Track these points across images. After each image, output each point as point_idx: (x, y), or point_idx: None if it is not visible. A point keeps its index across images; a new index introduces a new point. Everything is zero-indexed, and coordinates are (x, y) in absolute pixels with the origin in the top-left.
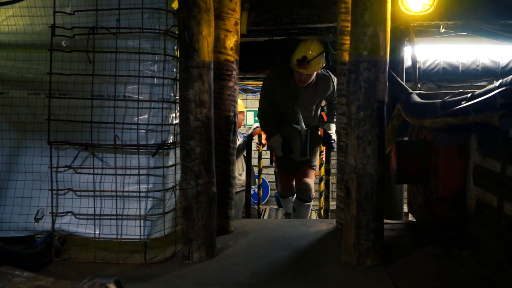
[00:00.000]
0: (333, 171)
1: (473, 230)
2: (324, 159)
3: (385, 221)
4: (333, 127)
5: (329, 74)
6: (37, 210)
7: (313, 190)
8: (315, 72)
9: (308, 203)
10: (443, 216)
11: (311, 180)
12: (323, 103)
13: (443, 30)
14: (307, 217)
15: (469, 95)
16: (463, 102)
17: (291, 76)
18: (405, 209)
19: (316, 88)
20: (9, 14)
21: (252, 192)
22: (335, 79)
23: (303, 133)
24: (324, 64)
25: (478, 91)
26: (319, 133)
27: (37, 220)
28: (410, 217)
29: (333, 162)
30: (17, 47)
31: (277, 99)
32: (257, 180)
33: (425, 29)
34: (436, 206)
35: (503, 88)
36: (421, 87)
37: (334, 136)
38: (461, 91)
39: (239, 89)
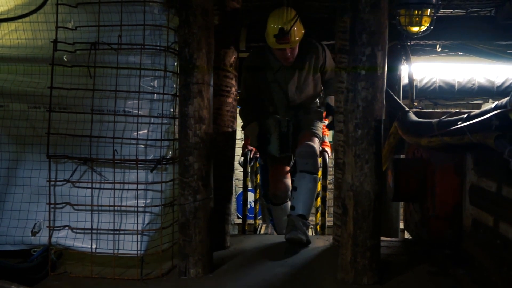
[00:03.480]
0: (330, 186)
1: (469, 249)
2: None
3: (382, 238)
4: (332, 98)
5: (314, 41)
6: (34, 224)
7: (318, 158)
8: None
9: (313, 175)
10: (439, 234)
11: (313, 145)
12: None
13: (439, 49)
14: (312, 199)
15: (465, 115)
16: (459, 123)
17: (271, 54)
18: (401, 225)
19: (303, 60)
20: (11, 28)
21: (248, 206)
22: (325, 46)
23: (283, 124)
24: (303, 30)
25: (474, 112)
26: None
27: (33, 233)
28: (406, 234)
29: (330, 178)
30: (19, 61)
31: (261, 85)
32: (253, 194)
33: (422, 48)
34: (432, 224)
35: (499, 110)
36: (417, 104)
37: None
38: (457, 111)
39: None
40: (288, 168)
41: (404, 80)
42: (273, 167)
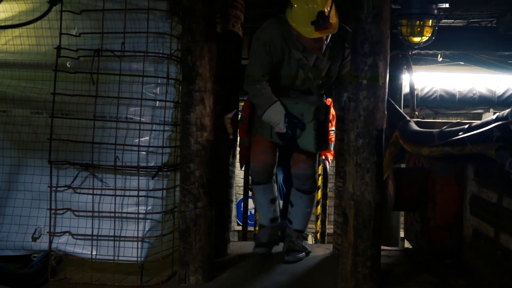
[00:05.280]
0: (330, 194)
1: (469, 259)
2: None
3: (382, 247)
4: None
5: (345, 26)
6: (34, 229)
7: (317, 175)
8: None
9: (310, 194)
10: (440, 243)
11: (312, 167)
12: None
13: (441, 59)
14: (310, 214)
15: (466, 126)
16: (460, 133)
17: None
18: (402, 234)
19: (325, 51)
20: (15, 34)
21: (248, 213)
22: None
23: (321, 110)
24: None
25: (475, 123)
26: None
27: (34, 239)
28: (407, 243)
29: (330, 186)
30: (22, 67)
31: (275, 65)
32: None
33: (423, 57)
34: (433, 234)
35: (500, 122)
36: (418, 113)
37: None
38: (458, 121)
39: None
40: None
41: (405, 89)
42: (256, 137)
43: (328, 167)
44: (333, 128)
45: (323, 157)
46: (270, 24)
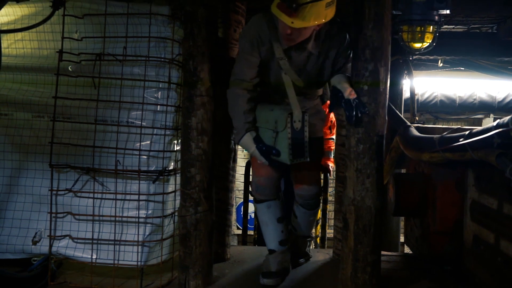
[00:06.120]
0: (330, 198)
1: (469, 265)
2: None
3: (382, 252)
4: (342, 78)
5: (344, 28)
6: (35, 233)
7: (320, 192)
8: (314, 26)
9: (314, 210)
10: (440, 249)
11: (316, 187)
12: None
13: (441, 64)
14: (314, 224)
15: (467, 132)
16: (461, 139)
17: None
18: (402, 239)
19: (318, 45)
20: (17, 38)
21: (248, 217)
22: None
23: (296, 118)
24: (334, 13)
25: (476, 130)
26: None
27: (34, 242)
28: (406, 248)
29: (331, 190)
30: (24, 70)
31: (264, 63)
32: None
33: (423, 63)
34: (433, 240)
35: (501, 129)
36: (418, 118)
37: (347, 91)
38: (459, 127)
39: None
40: None
41: (406, 94)
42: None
43: (329, 176)
44: (333, 136)
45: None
46: (257, 19)
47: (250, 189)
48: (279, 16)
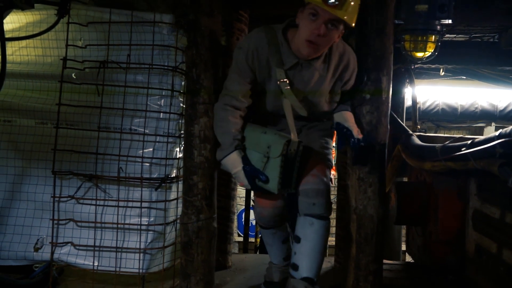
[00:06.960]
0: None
1: (471, 275)
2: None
3: (384, 261)
4: (349, 115)
5: (351, 47)
6: (37, 239)
7: (330, 196)
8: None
9: (324, 221)
10: (442, 259)
11: (325, 179)
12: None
13: (443, 73)
14: (324, 254)
15: (469, 142)
16: (463, 149)
17: (286, 43)
18: (403, 247)
19: (329, 67)
20: (22, 45)
21: (249, 225)
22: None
23: (292, 146)
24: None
25: (478, 139)
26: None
27: (36, 249)
28: (408, 257)
29: (332, 197)
30: (28, 77)
31: (259, 83)
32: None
33: (425, 71)
34: (435, 249)
35: (503, 139)
36: (420, 126)
37: (355, 131)
38: (461, 137)
39: None
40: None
41: (408, 103)
42: None
43: (330, 184)
44: (333, 144)
45: None
46: (257, 33)
47: (251, 196)
48: (318, 3)
